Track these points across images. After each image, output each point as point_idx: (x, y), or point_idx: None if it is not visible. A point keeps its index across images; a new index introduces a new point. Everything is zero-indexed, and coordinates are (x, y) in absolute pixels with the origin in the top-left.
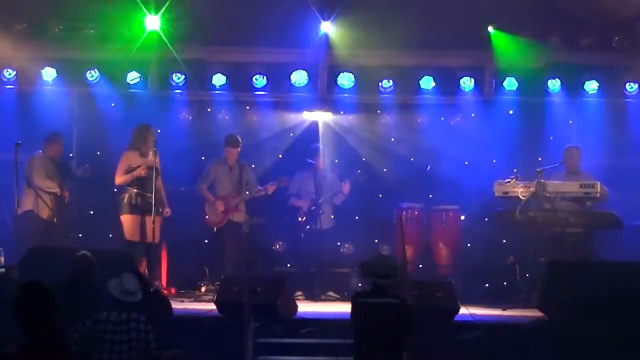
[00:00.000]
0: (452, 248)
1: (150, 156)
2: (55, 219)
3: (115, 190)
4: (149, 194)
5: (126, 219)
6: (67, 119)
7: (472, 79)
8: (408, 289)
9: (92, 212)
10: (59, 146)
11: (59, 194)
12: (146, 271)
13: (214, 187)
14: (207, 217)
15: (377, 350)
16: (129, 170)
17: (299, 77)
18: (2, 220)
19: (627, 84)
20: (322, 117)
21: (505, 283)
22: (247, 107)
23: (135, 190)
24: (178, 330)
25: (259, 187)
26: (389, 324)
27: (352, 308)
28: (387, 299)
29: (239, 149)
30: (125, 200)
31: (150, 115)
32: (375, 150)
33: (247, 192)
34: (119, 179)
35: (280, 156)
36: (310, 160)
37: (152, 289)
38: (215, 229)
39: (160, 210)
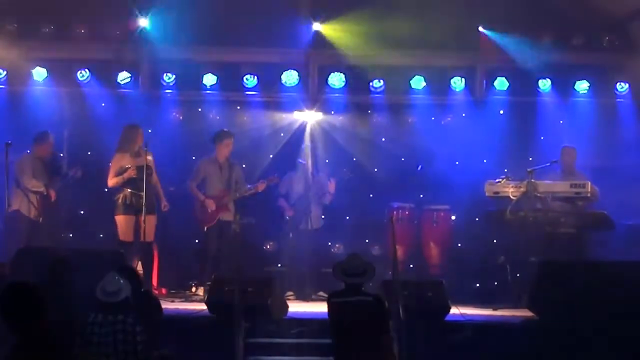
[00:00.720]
0: (443, 248)
1: (141, 155)
2: (40, 219)
3: (106, 190)
4: (142, 194)
5: (120, 220)
6: (57, 119)
7: (463, 79)
8: (398, 289)
9: (82, 212)
10: (47, 146)
11: (45, 194)
12: (140, 271)
13: (204, 186)
14: (197, 216)
15: (355, 350)
16: (120, 172)
17: (290, 77)
18: None
19: (618, 83)
20: (312, 117)
21: (496, 283)
22: (238, 107)
23: (129, 191)
24: (169, 331)
25: (249, 186)
26: (364, 322)
27: (328, 308)
28: (361, 297)
29: (232, 139)
30: (120, 200)
31: (141, 115)
32: (366, 150)
33: (237, 192)
34: (111, 182)
35: (271, 156)
36: (300, 160)
37: (143, 289)
38: (205, 228)
39: (156, 206)
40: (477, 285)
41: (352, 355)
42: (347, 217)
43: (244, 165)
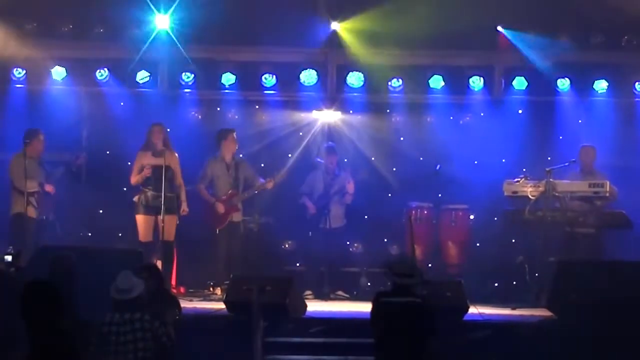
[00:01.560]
0: (462, 247)
1: (162, 155)
2: (44, 217)
3: (125, 189)
4: (166, 194)
5: (139, 219)
6: (76, 118)
7: (482, 78)
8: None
9: (101, 211)
10: (38, 142)
11: (40, 192)
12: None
13: (212, 187)
14: (208, 219)
15: (399, 350)
16: (140, 170)
17: (308, 77)
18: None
19: (637, 83)
20: (331, 117)
21: (514, 282)
22: (257, 107)
23: (147, 191)
24: (187, 330)
25: (262, 180)
26: (412, 324)
27: (374, 308)
28: (410, 298)
29: (235, 133)
30: (138, 200)
31: (160, 115)
32: (385, 149)
33: (246, 193)
34: (133, 179)
35: (290, 155)
36: (319, 160)
37: (160, 288)
38: (217, 230)
39: (176, 206)
40: (496, 284)
41: (395, 356)
42: (366, 217)
43: (262, 165)
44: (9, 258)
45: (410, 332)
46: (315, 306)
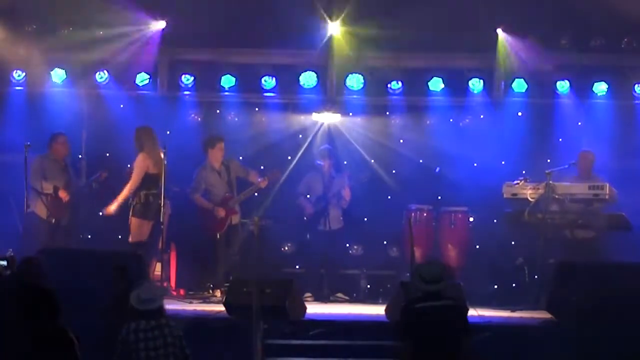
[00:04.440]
0: (461, 249)
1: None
2: (53, 220)
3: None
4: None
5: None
6: (76, 121)
7: (481, 81)
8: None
9: (101, 213)
10: (59, 145)
11: (53, 195)
12: (157, 273)
13: (208, 195)
14: (207, 225)
15: (434, 354)
16: None
17: (308, 79)
18: (13, 220)
19: (636, 85)
20: (330, 119)
21: (514, 284)
22: (256, 109)
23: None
24: (187, 332)
25: (259, 179)
26: (448, 327)
27: (407, 315)
28: (443, 301)
29: (223, 141)
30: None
31: (159, 117)
32: (384, 151)
33: (242, 195)
34: None
35: (289, 157)
36: (318, 162)
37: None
38: (218, 235)
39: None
40: (495, 286)
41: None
42: (365, 219)
43: (262, 167)
44: (3, 263)
45: (447, 335)
46: (314, 308)
